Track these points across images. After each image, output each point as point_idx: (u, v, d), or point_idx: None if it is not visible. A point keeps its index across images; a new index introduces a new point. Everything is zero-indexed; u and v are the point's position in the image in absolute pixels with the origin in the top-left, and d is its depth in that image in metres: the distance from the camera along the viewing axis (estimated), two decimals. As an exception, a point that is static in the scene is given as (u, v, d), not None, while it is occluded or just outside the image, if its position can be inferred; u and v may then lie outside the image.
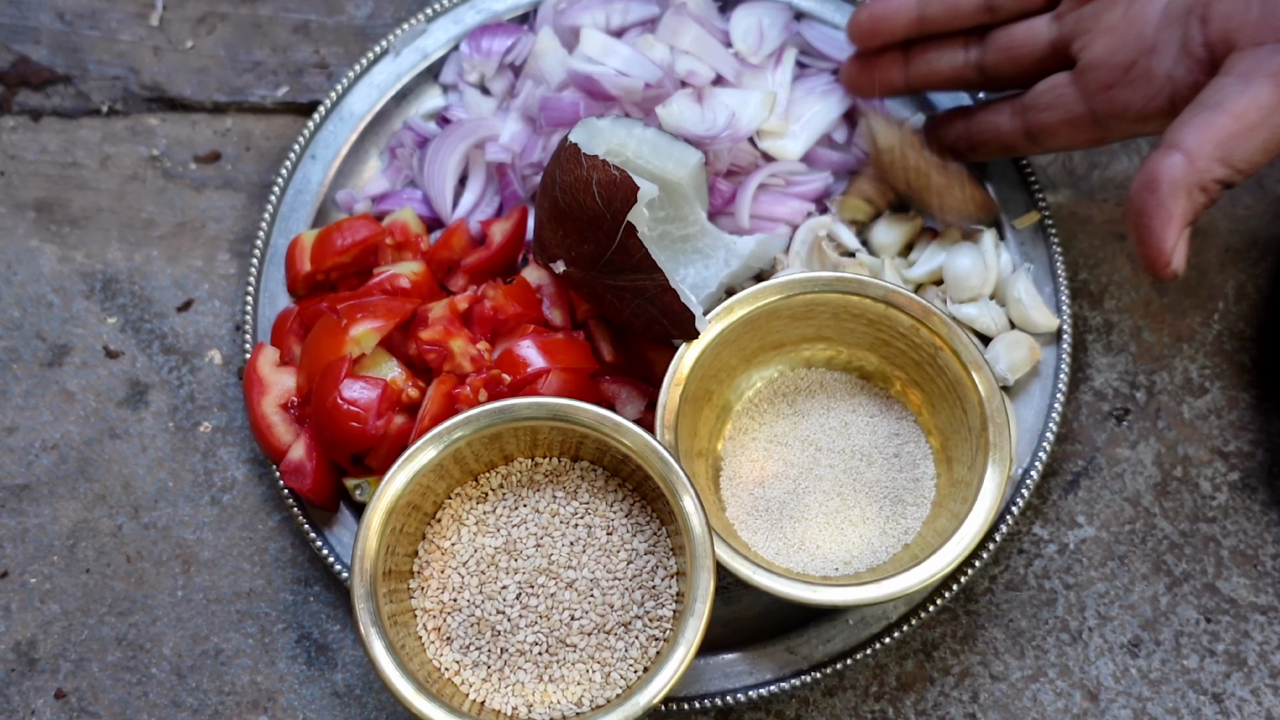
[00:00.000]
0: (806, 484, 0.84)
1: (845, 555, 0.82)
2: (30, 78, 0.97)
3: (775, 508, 0.83)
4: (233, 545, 0.89)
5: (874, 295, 0.81)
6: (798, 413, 0.86)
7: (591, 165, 0.77)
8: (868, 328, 0.83)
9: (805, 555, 0.82)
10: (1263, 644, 0.86)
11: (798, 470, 0.84)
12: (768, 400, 0.86)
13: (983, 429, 0.79)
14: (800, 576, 0.79)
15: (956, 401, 0.81)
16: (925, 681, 0.86)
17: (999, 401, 0.79)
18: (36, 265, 0.94)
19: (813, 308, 0.83)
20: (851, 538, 0.82)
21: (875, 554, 0.82)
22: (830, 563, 0.82)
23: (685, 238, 0.85)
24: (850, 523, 0.83)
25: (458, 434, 0.77)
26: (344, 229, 0.88)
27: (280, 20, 0.99)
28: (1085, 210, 0.94)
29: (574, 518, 0.80)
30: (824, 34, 0.92)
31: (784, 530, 0.83)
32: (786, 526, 0.83)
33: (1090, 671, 0.86)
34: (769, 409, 0.86)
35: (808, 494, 0.83)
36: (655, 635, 0.78)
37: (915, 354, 0.83)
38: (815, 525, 0.83)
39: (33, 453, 0.91)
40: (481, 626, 0.78)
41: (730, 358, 0.84)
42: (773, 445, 0.85)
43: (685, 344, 0.81)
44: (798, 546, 0.82)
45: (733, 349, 0.83)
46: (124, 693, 0.87)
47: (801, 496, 0.83)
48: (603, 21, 0.91)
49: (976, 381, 0.80)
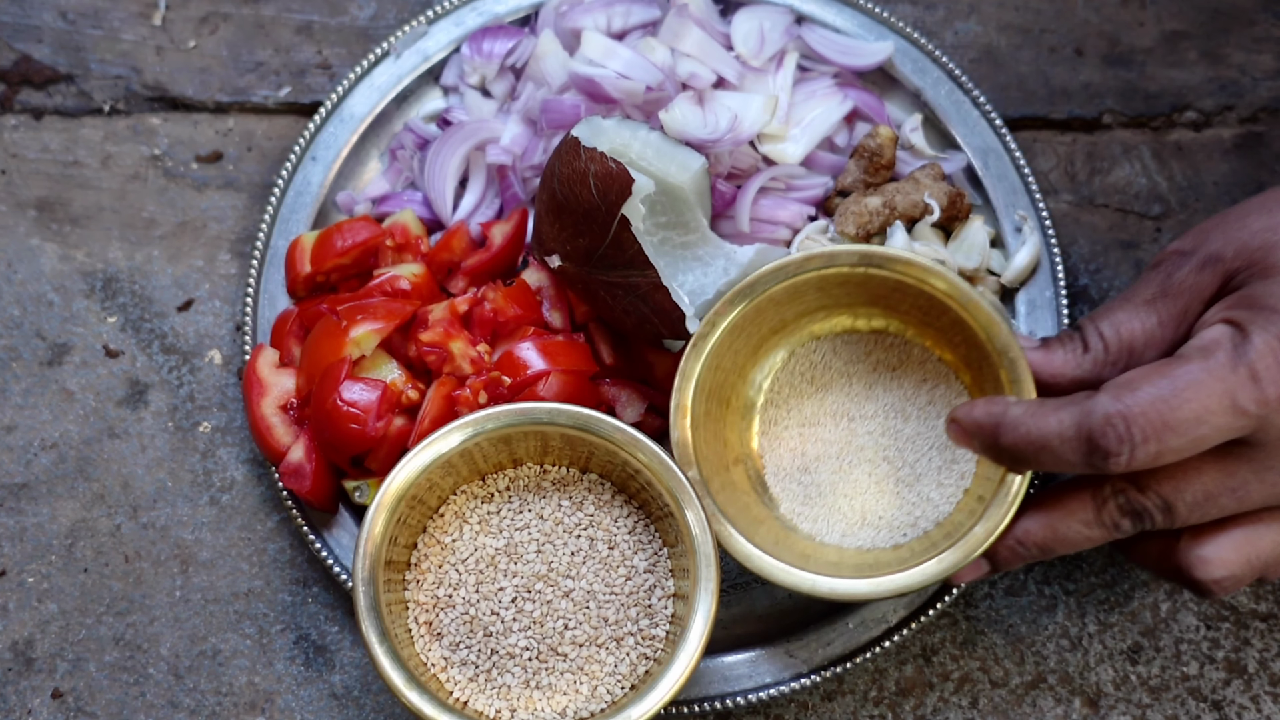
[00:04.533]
0: (849, 458, 0.82)
1: (909, 518, 0.81)
2: (32, 76, 0.97)
3: (826, 490, 0.82)
4: (231, 546, 0.89)
5: (848, 262, 0.79)
6: (820, 388, 0.84)
7: (590, 158, 0.78)
8: (859, 290, 0.82)
9: (871, 530, 0.81)
10: (1263, 651, 0.86)
11: (837, 447, 0.83)
12: (787, 385, 0.84)
13: (999, 362, 0.76)
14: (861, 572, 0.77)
15: (970, 336, 0.79)
16: (924, 686, 0.86)
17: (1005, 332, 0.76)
18: (37, 264, 0.94)
19: (799, 288, 0.81)
20: (909, 498, 0.81)
21: (938, 508, 0.80)
22: (898, 529, 0.81)
23: (685, 244, 0.85)
24: (904, 483, 0.81)
25: (471, 431, 0.77)
26: (344, 230, 0.88)
27: (283, 21, 0.99)
28: (1086, 216, 0.94)
29: (577, 528, 0.80)
30: (825, 38, 0.92)
31: (842, 511, 0.81)
32: (844, 506, 0.82)
33: (1090, 678, 0.86)
34: (791, 393, 0.84)
35: (854, 467, 0.82)
36: (646, 654, 0.78)
37: (914, 302, 0.81)
38: (871, 496, 0.81)
39: (32, 451, 0.91)
40: (474, 626, 0.78)
41: (737, 356, 0.83)
42: (805, 429, 0.83)
43: (687, 355, 0.80)
44: (860, 522, 0.81)
45: (737, 347, 0.82)
46: (121, 693, 0.87)
47: (849, 472, 0.82)
48: (604, 24, 0.91)
49: (975, 316, 0.77)
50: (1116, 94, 0.95)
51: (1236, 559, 0.71)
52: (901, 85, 0.93)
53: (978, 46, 0.97)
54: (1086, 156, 0.95)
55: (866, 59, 0.92)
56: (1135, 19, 0.97)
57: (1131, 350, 0.73)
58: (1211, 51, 0.96)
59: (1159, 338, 0.73)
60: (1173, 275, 0.74)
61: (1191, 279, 0.73)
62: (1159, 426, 0.66)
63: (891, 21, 0.93)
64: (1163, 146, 0.95)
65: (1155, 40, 0.96)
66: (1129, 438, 0.66)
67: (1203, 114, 0.95)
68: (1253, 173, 0.94)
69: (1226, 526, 0.72)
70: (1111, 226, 0.93)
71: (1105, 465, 0.68)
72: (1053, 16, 0.97)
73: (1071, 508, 0.73)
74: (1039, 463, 0.71)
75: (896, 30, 0.93)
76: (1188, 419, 0.66)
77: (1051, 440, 0.69)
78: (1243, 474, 0.69)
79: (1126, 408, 0.67)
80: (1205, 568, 0.71)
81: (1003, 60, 0.96)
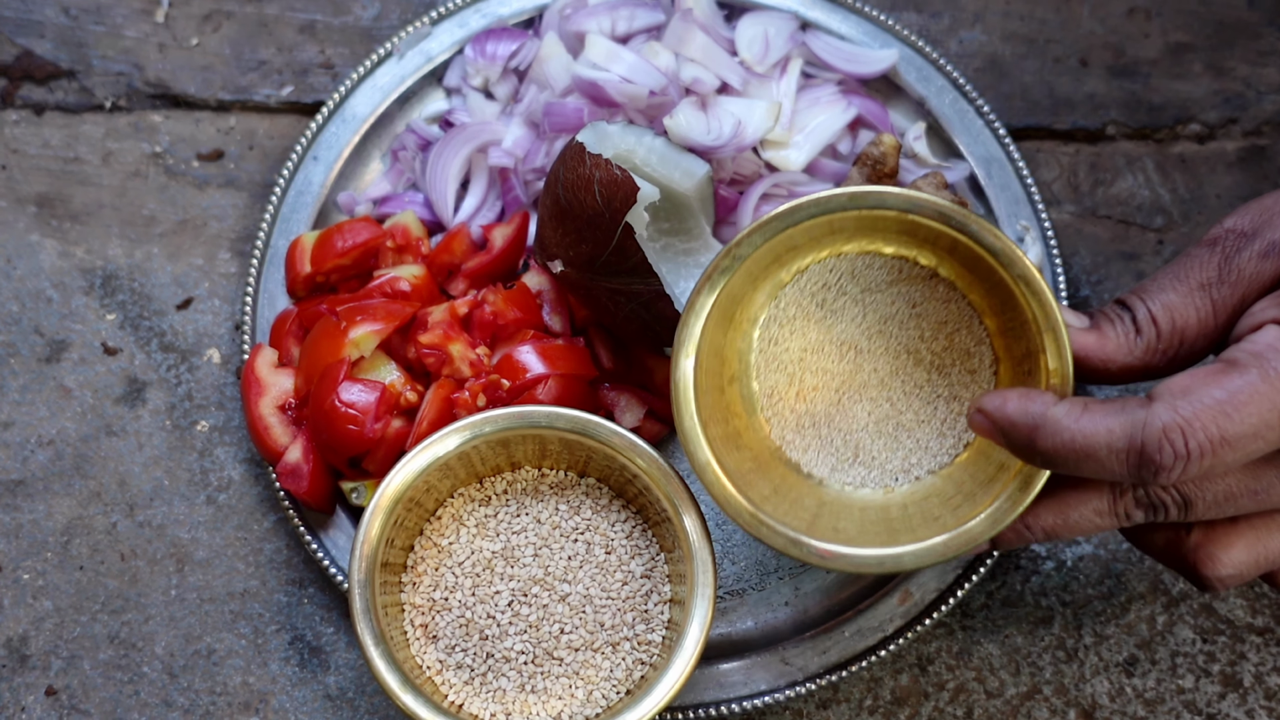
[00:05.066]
0: (851, 393, 0.78)
1: (904, 463, 0.77)
2: (34, 72, 0.97)
3: (821, 421, 0.78)
4: (227, 545, 0.89)
5: (896, 206, 0.72)
6: (830, 314, 0.78)
7: (595, 164, 0.77)
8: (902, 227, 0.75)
9: (862, 468, 0.78)
10: (1258, 665, 0.86)
11: (839, 380, 0.78)
12: (794, 304, 0.78)
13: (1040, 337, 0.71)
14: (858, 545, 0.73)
15: (1011, 302, 0.73)
16: (920, 696, 0.86)
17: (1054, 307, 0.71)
18: (36, 260, 0.94)
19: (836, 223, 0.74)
20: (906, 443, 0.77)
21: (935, 457, 0.77)
22: (889, 473, 0.77)
23: (688, 251, 0.85)
24: (904, 427, 0.78)
25: (469, 434, 0.77)
26: (345, 231, 0.88)
27: (286, 19, 0.98)
28: (1088, 226, 0.94)
29: (575, 532, 0.80)
30: (829, 44, 0.92)
31: (834, 444, 0.78)
32: (836, 439, 0.78)
33: (1086, 690, 0.86)
34: (797, 313, 0.78)
35: (854, 404, 0.78)
36: (642, 659, 0.78)
37: (962, 253, 0.74)
38: (867, 435, 0.78)
39: (28, 448, 0.90)
40: (470, 629, 0.78)
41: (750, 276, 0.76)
42: (807, 355, 0.78)
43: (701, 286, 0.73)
44: (851, 459, 0.78)
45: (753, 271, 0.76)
46: (115, 691, 0.86)
47: (848, 407, 0.78)
48: (608, 27, 0.90)
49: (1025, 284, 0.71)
50: (1120, 105, 0.95)
51: (1246, 558, 0.69)
52: (905, 93, 0.93)
53: (982, 56, 0.97)
54: (1089, 167, 0.95)
55: (871, 66, 0.92)
56: (1140, 31, 0.97)
57: (1184, 339, 0.69)
58: (1216, 64, 0.96)
59: (1212, 327, 0.69)
60: (1231, 260, 0.69)
61: (1253, 266, 0.68)
62: (1217, 442, 0.63)
63: (896, 29, 0.93)
64: (1166, 158, 0.95)
65: (1160, 52, 0.96)
66: (1185, 453, 0.63)
67: (1206, 126, 0.95)
68: (1256, 186, 0.94)
69: (1238, 525, 0.69)
70: (1114, 238, 0.93)
71: (1153, 479, 0.64)
72: (1058, 27, 0.97)
73: (1085, 495, 0.70)
74: (1076, 469, 0.66)
75: (901, 38, 0.93)
76: (1245, 434, 0.63)
77: (1099, 450, 0.64)
78: (1268, 478, 0.67)
79: (1186, 421, 0.63)
80: (1214, 565, 0.69)
81: (1007, 70, 0.96)
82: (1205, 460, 0.63)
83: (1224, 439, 0.63)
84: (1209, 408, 0.63)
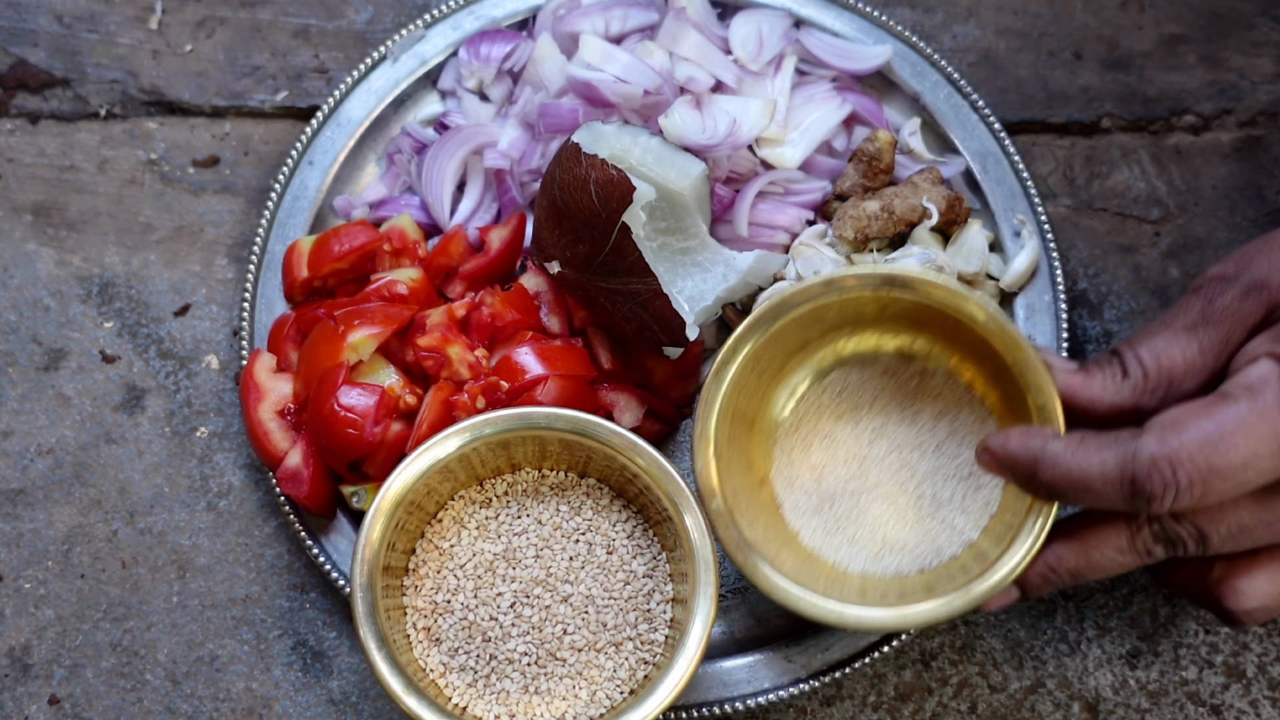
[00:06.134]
0: (866, 494, 0.81)
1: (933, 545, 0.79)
2: (28, 80, 0.97)
3: (846, 523, 0.81)
4: (229, 551, 0.89)
5: (871, 285, 0.77)
6: (835, 420, 0.82)
7: (590, 164, 0.78)
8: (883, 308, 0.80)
9: (895, 556, 0.79)
10: (1261, 656, 0.86)
11: (853, 484, 0.81)
12: (802, 418, 0.83)
13: (1025, 388, 0.74)
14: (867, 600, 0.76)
15: (995, 357, 0.77)
16: (923, 691, 0.86)
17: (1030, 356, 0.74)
18: (33, 269, 0.94)
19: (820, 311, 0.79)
20: (932, 526, 0.79)
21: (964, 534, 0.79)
22: (922, 556, 0.79)
23: (685, 250, 0.85)
24: (925, 513, 0.80)
25: (469, 436, 0.77)
26: (341, 235, 0.88)
27: (280, 24, 0.98)
28: (1084, 220, 0.94)
29: (576, 532, 0.80)
30: (823, 41, 0.92)
31: (863, 541, 0.80)
32: (864, 536, 0.80)
33: (1089, 683, 0.86)
34: (805, 425, 0.82)
35: (871, 503, 0.80)
36: (645, 659, 0.78)
37: (940, 321, 0.79)
38: (892, 526, 0.80)
39: (28, 457, 0.90)
40: (472, 631, 0.78)
41: (760, 378, 0.81)
42: (818, 467, 0.82)
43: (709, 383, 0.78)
44: (882, 550, 0.80)
45: (760, 369, 0.80)
46: (118, 699, 0.86)
47: (867, 506, 0.80)
48: (602, 28, 0.90)
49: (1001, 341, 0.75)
50: (1115, 98, 0.95)
51: (1270, 589, 0.70)
52: (900, 89, 0.93)
53: (976, 50, 0.97)
54: (1085, 160, 0.95)
55: (865, 63, 0.92)
56: (1134, 23, 0.97)
57: (1171, 379, 0.71)
58: (1210, 55, 0.96)
59: (1199, 366, 0.71)
60: (1214, 301, 0.72)
61: (1235, 306, 0.71)
62: (1205, 472, 0.64)
63: (890, 25, 0.93)
64: (1161, 150, 0.95)
65: (1154, 44, 0.96)
66: (1174, 483, 0.65)
67: (1201, 118, 0.95)
68: (1251, 176, 0.94)
69: (1260, 558, 0.70)
70: (1110, 230, 0.93)
71: (1148, 507, 0.66)
72: (1051, 20, 0.97)
73: (1105, 534, 0.72)
74: (1077, 500, 0.69)
75: (895, 34, 0.93)
76: (1234, 464, 0.64)
77: (1094, 481, 0.67)
78: (1279, 509, 0.68)
79: (1173, 451, 0.65)
80: (1238, 598, 0.70)
81: (1001, 64, 0.96)
82: (1196, 490, 0.65)
83: (1212, 469, 0.65)
84: (1197, 438, 0.65)
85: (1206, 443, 0.65)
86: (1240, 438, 0.65)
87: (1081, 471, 0.68)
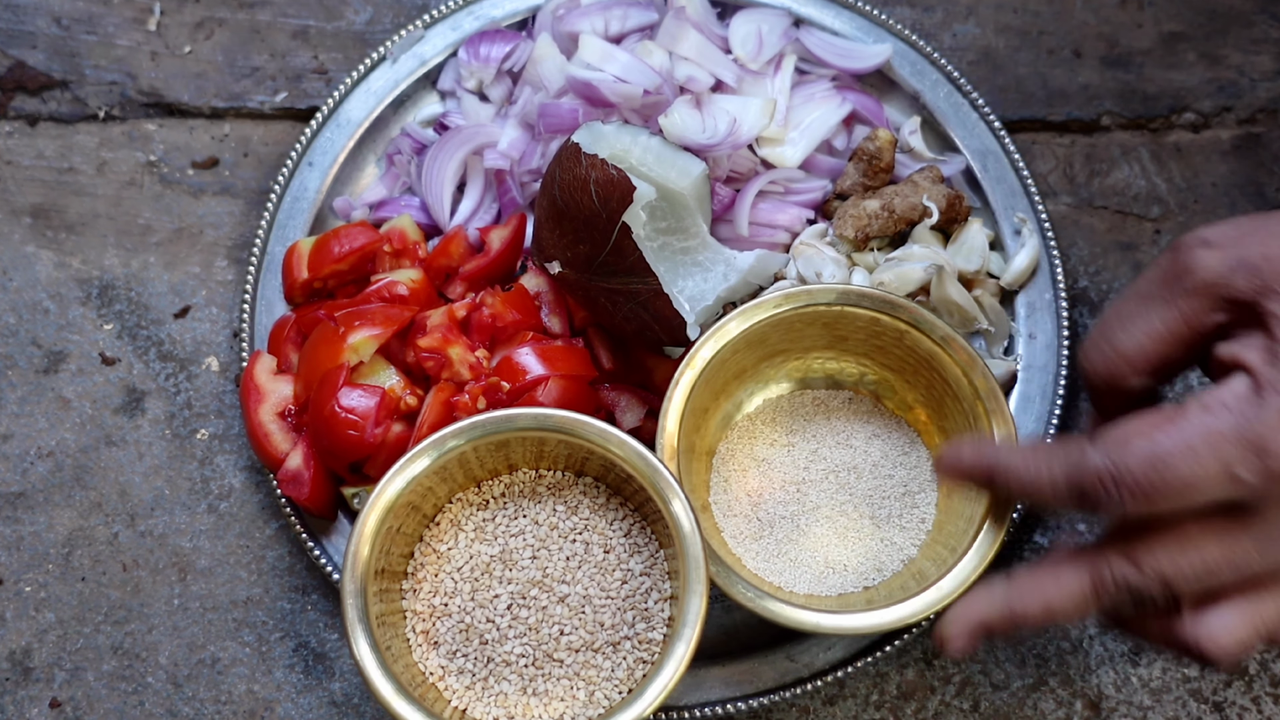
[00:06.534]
0: (804, 518, 0.83)
1: (874, 562, 0.82)
2: (27, 83, 0.97)
3: (787, 547, 0.82)
4: (230, 553, 0.89)
5: (868, 306, 0.80)
6: (768, 448, 0.84)
7: (590, 164, 0.77)
8: (865, 336, 0.83)
9: (838, 576, 0.82)
10: (1264, 653, 0.86)
11: (791, 509, 0.83)
12: (766, 420, 0.85)
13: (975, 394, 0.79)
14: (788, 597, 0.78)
15: (963, 412, 0.81)
16: (926, 690, 0.86)
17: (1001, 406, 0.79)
18: (33, 271, 0.94)
19: (811, 319, 0.82)
20: (872, 545, 0.82)
21: (903, 550, 0.82)
22: (864, 574, 0.81)
23: (685, 250, 0.85)
24: (864, 532, 0.82)
25: (450, 443, 0.77)
26: (341, 236, 0.88)
27: (279, 25, 0.98)
28: (1085, 218, 0.94)
29: (572, 532, 0.80)
30: (823, 40, 0.92)
31: (805, 564, 0.82)
32: (806, 559, 0.82)
33: (1091, 680, 0.86)
34: (735, 458, 0.84)
35: (811, 525, 0.82)
36: (643, 658, 0.78)
37: (913, 360, 0.82)
38: (834, 548, 0.82)
39: (28, 460, 0.90)
40: (470, 634, 0.78)
41: (733, 370, 0.83)
42: (753, 495, 0.84)
43: (689, 357, 0.79)
44: (825, 571, 0.82)
45: (736, 361, 0.82)
46: (119, 702, 0.86)
47: (806, 529, 0.82)
48: (601, 28, 0.90)
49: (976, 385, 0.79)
50: (1115, 96, 0.95)
51: (1241, 624, 0.69)
52: (900, 88, 0.93)
53: (976, 49, 0.97)
54: (1085, 158, 0.95)
55: (865, 62, 0.92)
56: (1133, 20, 0.97)
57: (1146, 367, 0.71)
58: (1210, 53, 0.96)
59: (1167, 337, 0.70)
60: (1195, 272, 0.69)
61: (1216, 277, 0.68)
62: (1147, 489, 0.65)
63: (890, 24, 0.93)
64: (1161, 148, 0.95)
65: (1153, 42, 0.96)
66: (1117, 498, 0.66)
67: (1201, 115, 0.95)
68: (1251, 174, 0.94)
69: (1228, 595, 0.69)
70: (1110, 228, 0.93)
71: (1098, 514, 0.68)
72: (1051, 18, 0.97)
73: (1067, 585, 0.71)
74: (1036, 504, 0.73)
75: (895, 33, 0.93)
76: (1176, 486, 0.65)
77: (1044, 490, 0.69)
78: (1244, 545, 0.67)
79: (1115, 467, 0.66)
80: (1212, 639, 0.69)
81: (1001, 62, 0.96)
82: (1140, 504, 0.66)
83: (1154, 486, 0.65)
84: (1143, 454, 0.65)
85: (1152, 459, 0.65)
86: (1185, 460, 0.65)
87: (1033, 481, 0.70)
